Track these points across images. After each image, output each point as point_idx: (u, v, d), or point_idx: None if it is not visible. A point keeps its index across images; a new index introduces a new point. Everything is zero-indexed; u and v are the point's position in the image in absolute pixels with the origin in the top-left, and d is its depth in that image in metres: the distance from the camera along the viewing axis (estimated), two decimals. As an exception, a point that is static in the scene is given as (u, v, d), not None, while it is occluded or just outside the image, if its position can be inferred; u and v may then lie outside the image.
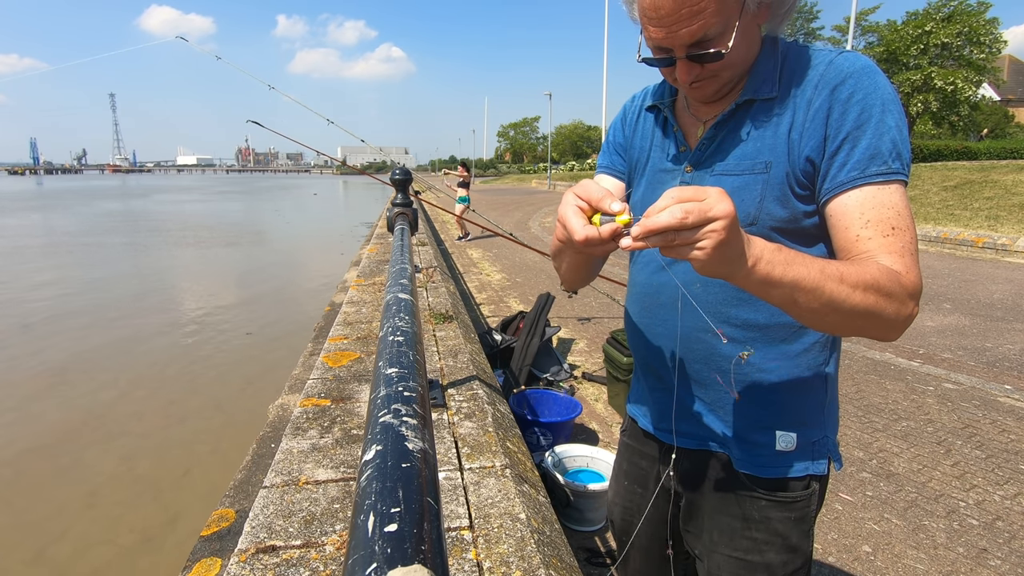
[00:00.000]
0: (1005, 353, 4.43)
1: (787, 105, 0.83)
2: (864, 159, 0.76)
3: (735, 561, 0.95)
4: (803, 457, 0.91)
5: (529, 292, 6.63)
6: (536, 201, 23.29)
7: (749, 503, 0.93)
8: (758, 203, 0.83)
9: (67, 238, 17.12)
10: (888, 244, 0.74)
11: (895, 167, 0.76)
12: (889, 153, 0.76)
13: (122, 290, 10.07)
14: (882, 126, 0.76)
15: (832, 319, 0.71)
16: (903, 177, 0.76)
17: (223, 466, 3.70)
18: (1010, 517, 2.40)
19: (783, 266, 0.67)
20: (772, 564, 0.93)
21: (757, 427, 0.91)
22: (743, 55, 0.83)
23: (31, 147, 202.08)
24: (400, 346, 0.81)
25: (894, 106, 0.77)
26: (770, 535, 0.93)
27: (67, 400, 5.30)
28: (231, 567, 1.11)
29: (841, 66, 0.79)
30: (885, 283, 0.70)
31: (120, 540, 3.31)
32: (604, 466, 2.50)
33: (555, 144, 62.15)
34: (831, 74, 0.80)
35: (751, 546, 0.94)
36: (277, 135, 5.09)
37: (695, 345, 0.93)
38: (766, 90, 0.84)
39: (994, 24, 22.84)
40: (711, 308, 0.89)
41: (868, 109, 0.76)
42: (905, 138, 0.77)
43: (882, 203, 0.75)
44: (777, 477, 0.91)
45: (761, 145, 0.84)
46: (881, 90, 0.77)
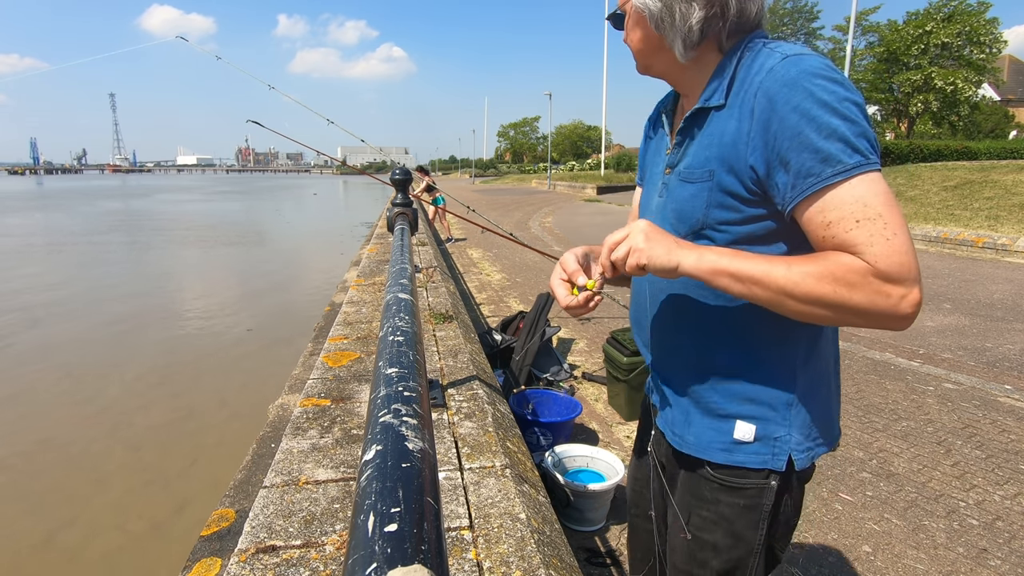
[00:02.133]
0: (1005, 353, 4.43)
1: (732, 114, 0.85)
2: (816, 164, 0.77)
3: (681, 535, 1.02)
4: (762, 451, 0.93)
5: (529, 292, 6.63)
6: (536, 201, 23.29)
7: (704, 484, 0.98)
8: (704, 210, 0.89)
9: (72, 237, 17.18)
10: (852, 238, 0.75)
11: (851, 163, 0.76)
12: (841, 151, 0.76)
13: (126, 288, 10.17)
14: (825, 129, 0.76)
15: (797, 307, 0.78)
16: (863, 168, 0.76)
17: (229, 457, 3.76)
18: (1010, 517, 2.40)
19: (728, 258, 0.80)
20: (718, 545, 0.98)
21: (717, 415, 0.95)
22: (635, 40, 0.95)
23: (31, 147, 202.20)
24: (400, 346, 0.81)
25: (838, 103, 0.77)
26: (717, 517, 0.97)
27: (74, 393, 5.41)
28: (231, 567, 1.12)
29: (778, 74, 0.80)
30: (840, 272, 0.74)
31: (129, 527, 3.40)
32: (604, 466, 2.50)
33: (555, 144, 62.17)
34: (770, 82, 0.81)
35: (702, 524, 1.00)
36: (277, 135, 5.09)
37: (662, 337, 1.02)
38: (716, 98, 0.88)
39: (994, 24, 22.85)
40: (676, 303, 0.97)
41: (807, 115, 0.77)
42: (859, 128, 0.77)
43: (843, 201, 0.76)
44: (730, 464, 0.95)
45: (709, 154, 0.88)
46: (818, 94, 0.77)
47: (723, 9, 0.87)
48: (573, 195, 27.12)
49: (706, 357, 0.95)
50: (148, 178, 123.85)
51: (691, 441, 0.98)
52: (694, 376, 0.97)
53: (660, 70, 0.97)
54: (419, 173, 11.63)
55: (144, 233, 18.68)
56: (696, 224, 0.90)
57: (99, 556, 3.16)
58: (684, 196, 0.91)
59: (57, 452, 4.29)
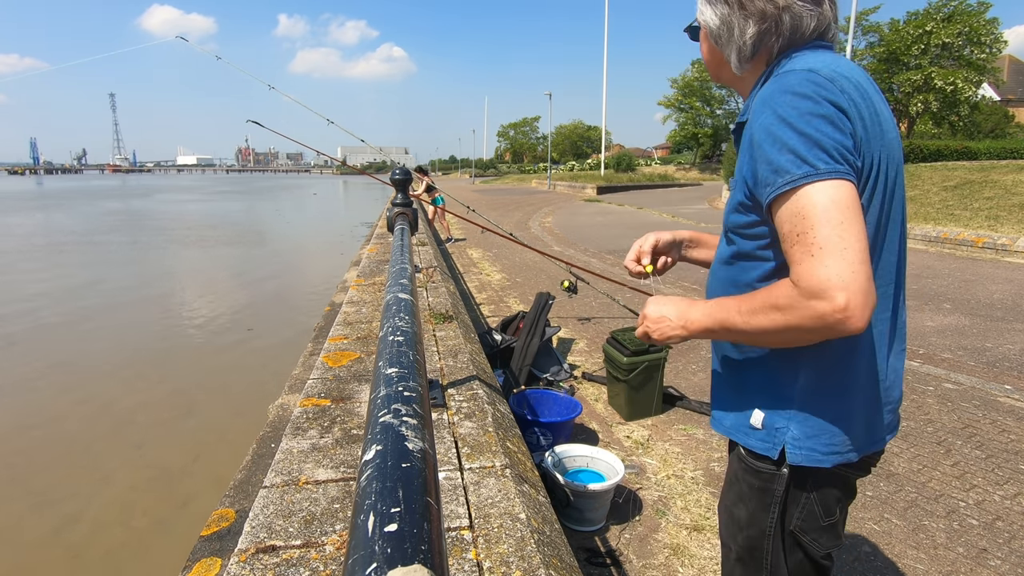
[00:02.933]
0: (1005, 353, 4.43)
1: (747, 129, 0.94)
2: (771, 175, 0.85)
3: (725, 509, 1.13)
4: (766, 438, 1.00)
5: (529, 292, 6.63)
6: (536, 201, 23.29)
7: (737, 463, 1.08)
8: (730, 214, 1.00)
9: (73, 237, 17.23)
10: (793, 253, 0.82)
11: (798, 173, 0.81)
12: (791, 163, 0.82)
13: (127, 287, 10.23)
14: (778, 142, 0.84)
15: (762, 339, 0.90)
16: (812, 179, 0.80)
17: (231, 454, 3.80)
18: (1010, 517, 2.40)
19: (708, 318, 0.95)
20: (741, 521, 1.07)
21: (741, 403, 1.05)
22: (705, 53, 1.07)
23: (31, 147, 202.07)
24: (400, 346, 0.81)
25: (796, 118, 0.83)
26: (740, 495, 1.07)
27: (76, 391, 5.46)
28: (231, 567, 1.11)
29: (762, 94, 0.90)
30: (774, 299, 0.84)
31: (134, 523, 3.43)
32: (604, 466, 2.50)
33: (555, 144, 62.12)
34: (756, 103, 0.91)
35: (734, 499, 1.09)
36: (277, 135, 5.09)
37: None
38: (744, 115, 0.98)
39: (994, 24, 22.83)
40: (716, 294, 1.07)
41: (767, 129, 0.86)
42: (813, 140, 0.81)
43: (790, 213, 0.83)
44: (747, 447, 1.03)
45: (738, 165, 0.99)
46: (779, 110, 0.85)
47: (776, 25, 0.93)
48: (573, 195, 27.12)
49: (734, 350, 1.06)
50: (148, 178, 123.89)
51: (726, 424, 1.09)
52: (728, 366, 1.08)
53: (727, 80, 1.06)
54: (418, 174, 11.60)
55: (145, 233, 18.70)
56: (726, 226, 1.02)
57: (103, 552, 3.19)
58: (728, 200, 1.03)
59: (60, 448, 4.33)
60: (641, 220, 15.05)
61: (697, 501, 2.54)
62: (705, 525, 2.37)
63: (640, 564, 2.14)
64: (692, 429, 3.25)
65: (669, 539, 2.28)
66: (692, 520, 2.40)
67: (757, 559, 1.05)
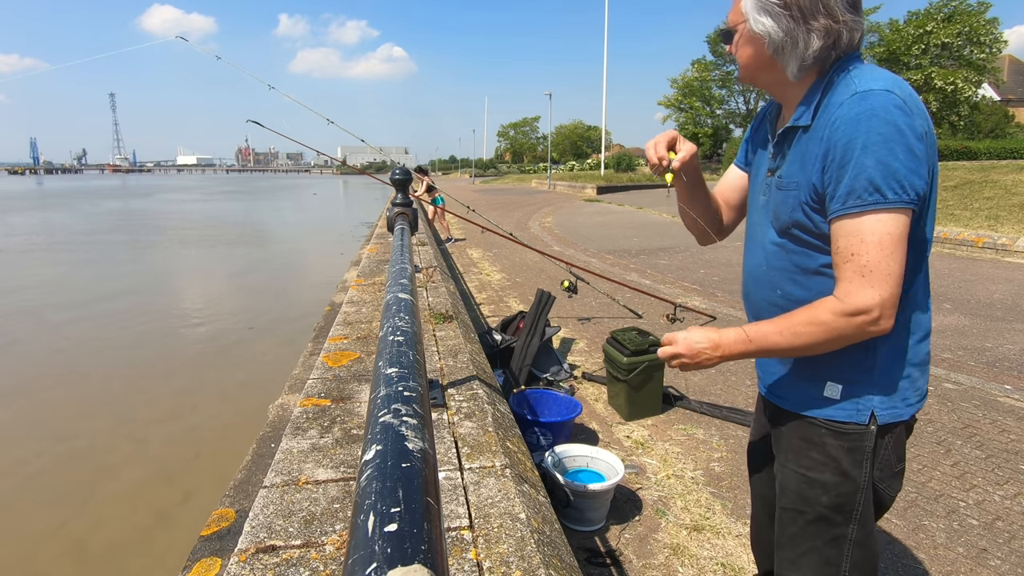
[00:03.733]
0: (1005, 353, 4.43)
1: (813, 136, 1.01)
2: (843, 195, 0.95)
3: (799, 476, 1.17)
4: (847, 407, 1.10)
5: (529, 292, 6.62)
6: (536, 201, 23.28)
7: (811, 428, 1.14)
8: (790, 213, 1.07)
9: (75, 236, 17.29)
10: (844, 269, 0.97)
11: (869, 200, 0.93)
12: (864, 189, 0.93)
13: (129, 286, 10.28)
14: (859, 166, 0.93)
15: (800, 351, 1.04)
16: (879, 206, 0.92)
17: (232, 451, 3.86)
18: (1010, 517, 2.40)
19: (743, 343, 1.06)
20: (827, 483, 1.12)
21: (811, 378, 1.13)
22: (745, 57, 1.09)
23: (31, 147, 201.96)
24: (400, 346, 0.81)
25: (880, 147, 0.91)
26: (826, 457, 1.12)
27: (79, 388, 5.51)
28: (231, 567, 1.12)
29: (845, 110, 0.95)
30: (818, 317, 0.99)
31: (136, 517, 3.48)
32: (604, 466, 2.50)
33: (555, 144, 62.09)
34: (837, 116, 0.96)
35: (811, 464, 1.14)
36: (277, 135, 5.09)
37: (763, 313, 1.19)
38: (804, 119, 1.04)
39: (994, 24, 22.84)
40: (773, 285, 1.15)
41: (849, 152, 0.94)
42: (889, 171, 0.91)
43: (850, 232, 0.95)
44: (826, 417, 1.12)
45: (794, 167, 1.06)
46: (864, 135, 0.92)
47: (837, 40, 1.00)
48: (573, 195, 27.12)
49: None
50: (148, 178, 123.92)
51: (791, 399, 1.17)
52: None
53: (764, 83, 1.12)
54: (418, 175, 11.57)
55: (147, 232, 18.75)
56: (784, 225, 1.09)
57: (106, 545, 3.24)
58: (779, 200, 1.10)
59: (64, 445, 4.38)
60: (641, 220, 15.05)
61: (697, 501, 2.54)
62: (705, 525, 2.37)
63: (640, 564, 2.14)
64: (692, 429, 3.25)
65: (669, 539, 2.28)
66: (692, 520, 2.40)
67: (847, 513, 1.12)
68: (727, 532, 2.32)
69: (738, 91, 37.95)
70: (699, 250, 9.54)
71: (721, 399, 3.62)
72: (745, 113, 38.30)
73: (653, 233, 12.13)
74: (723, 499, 2.56)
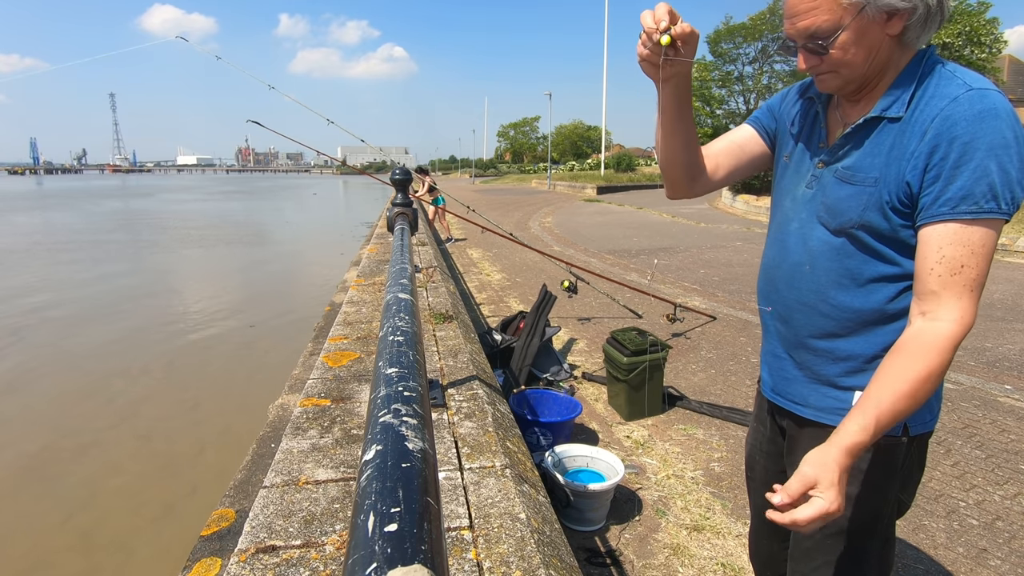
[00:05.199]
0: (1005, 353, 4.43)
1: (908, 130, 0.90)
2: (956, 198, 0.85)
3: None
4: None
5: (529, 292, 6.63)
6: (536, 201, 23.28)
7: None
8: (860, 211, 0.95)
9: (78, 236, 17.32)
10: (952, 282, 0.86)
11: (987, 207, 0.84)
12: (983, 195, 0.84)
13: (131, 285, 10.34)
14: (981, 170, 0.83)
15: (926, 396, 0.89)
16: (994, 215, 0.84)
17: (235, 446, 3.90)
18: (1010, 517, 2.40)
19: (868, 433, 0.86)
20: (851, 497, 1.03)
21: (839, 387, 1.06)
22: (860, 58, 0.91)
23: (31, 147, 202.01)
24: (400, 346, 0.81)
25: (1003, 151, 0.83)
26: (855, 471, 1.02)
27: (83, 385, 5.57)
28: (231, 567, 1.11)
29: (960, 107, 0.85)
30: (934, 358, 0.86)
31: (144, 510, 3.53)
32: (604, 466, 2.50)
33: (555, 144, 62.09)
34: (950, 111, 0.86)
35: None
36: (277, 135, 5.09)
37: (793, 315, 1.09)
38: (895, 109, 0.92)
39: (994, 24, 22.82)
40: (815, 288, 1.05)
41: (970, 152, 0.83)
42: (1008, 179, 0.83)
43: (960, 240, 0.86)
44: None
45: (876, 161, 0.93)
46: (990, 136, 0.83)
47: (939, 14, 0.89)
48: (573, 195, 27.12)
49: (834, 337, 1.05)
50: (148, 178, 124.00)
51: (814, 406, 1.09)
52: (821, 352, 1.07)
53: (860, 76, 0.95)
54: (419, 175, 11.54)
55: (148, 232, 18.81)
56: (848, 223, 0.97)
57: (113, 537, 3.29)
58: (840, 195, 0.97)
59: (69, 440, 4.44)
60: (641, 220, 15.05)
61: (697, 501, 2.54)
62: (705, 525, 2.37)
63: (640, 564, 2.14)
64: (692, 429, 3.25)
65: (669, 539, 2.28)
66: (692, 520, 2.40)
67: (869, 527, 1.07)
68: (727, 532, 2.32)
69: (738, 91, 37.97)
70: (699, 250, 9.54)
71: (721, 399, 3.62)
72: (745, 113, 38.29)
73: (653, 233, 12.13)
74: (723, 499, 2.56)
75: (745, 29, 34.47)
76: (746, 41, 35.45)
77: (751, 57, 36.50)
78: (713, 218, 14.94)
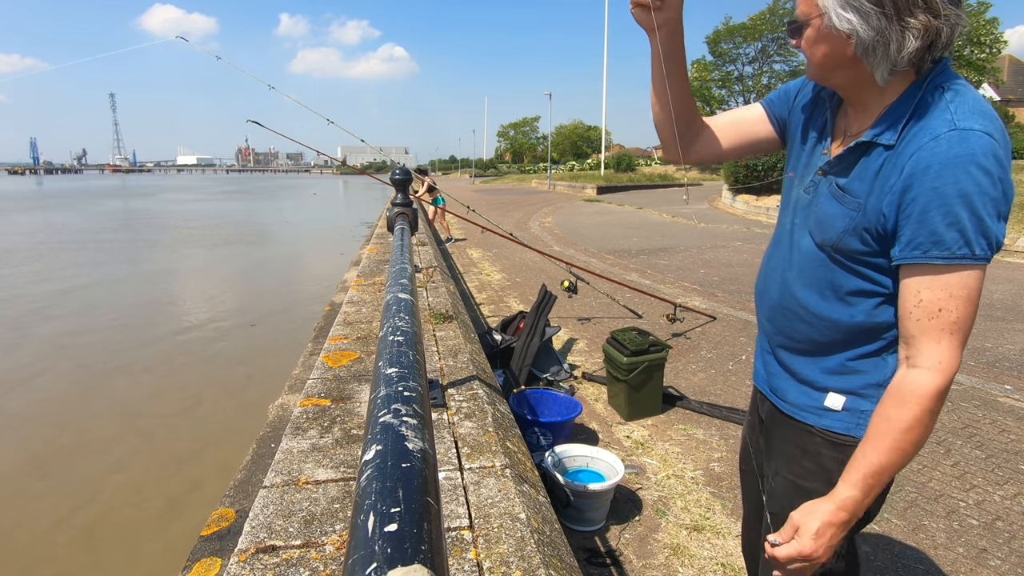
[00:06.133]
0: (1005, 353, 4.43)
1: (896, 160, 0.90)
2: (927, 243, 0.86)
3: (790, 483, 1.14)
4: (847, 419, 1.05)
5: (529, 292, 6.63)
6: (536, 201, 23.28)
7: (806, 437, 1.11)
8: (840, 233, 0.97)
9: (80, 235, 17.39)
10: (930, 327, 0.88)
11: (960, 253, 0.84)
12: (954, 242, 0.84)
13: (134, 284, 10.40)
14: (951, 216, 0.83)
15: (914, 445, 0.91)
16: (967, 262, 0.85)
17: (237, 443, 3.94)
18: (1010, 517, 2.40)
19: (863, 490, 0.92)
20: (816, 493, 1.04)
21: (814, 385, 1.09)
22: (818, 59, 0.94)
23: (31, 147, 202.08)
24: (400, 346, 0.81)
25: (975, 197, 0.82)
26: (818, 467, 1.09)
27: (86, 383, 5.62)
28: (231, 567, 1.12)
29: (939, 148, 0.84)
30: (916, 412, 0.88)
31: (147, 505, 3.58)
32: (604, 466, 2.50)
33: (555, 144, 62.10)
34: (927, 152, 0.85)
35: (803, 472, 1.11)
36: (277, 135, 5.09)
37: (777, 318, 1.13)
38: (886, 137, 0.92)
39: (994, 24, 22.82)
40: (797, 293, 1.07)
41: (940, 198, 0.84)
42: (982, 227, 0.83)
43: (936, 284, 0.87)
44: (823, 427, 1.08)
45: (863, 186, 0.94)
46: (963, 182, 0.82)
47: (936, 40, 0.86)
48: (573, 195, 27.12)
49: (812, 341, 1.07)
50: (148, 178, 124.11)
51: (790, 402, 1.13)
52: (800, 352, 1.10)
53: (838, 84, 0.99)
54: (418, 175, 11.51)
55: (150, 231, 18.87)
56: (830, 243, 0.99)
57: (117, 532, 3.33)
58: (829, 212, 0.99)
59: (73, 436, 4.48)
60: (641, 220, 15.05)
61: (697, 501, 2.54)
62: (705, 525, 2.37)
63: (640, 564, 2.14)
64: (692, 429, 3.25)
65: (669, 539, 2.28)
66: (692, 520, 2.40)
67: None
68: (727, 532, 2.32)
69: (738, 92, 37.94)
70: (699, 250, 9.54)
71: (721, 399, 3.63)
72: (745, 113, 38.21)
73: (653, 233, 12.13)
74: (723, 499, 2.56)
75: (745, 29, 34.49)
76: (746, 41, 35.46)
77: (751, 57, 36.52)
78: (713, 218, 14.94)
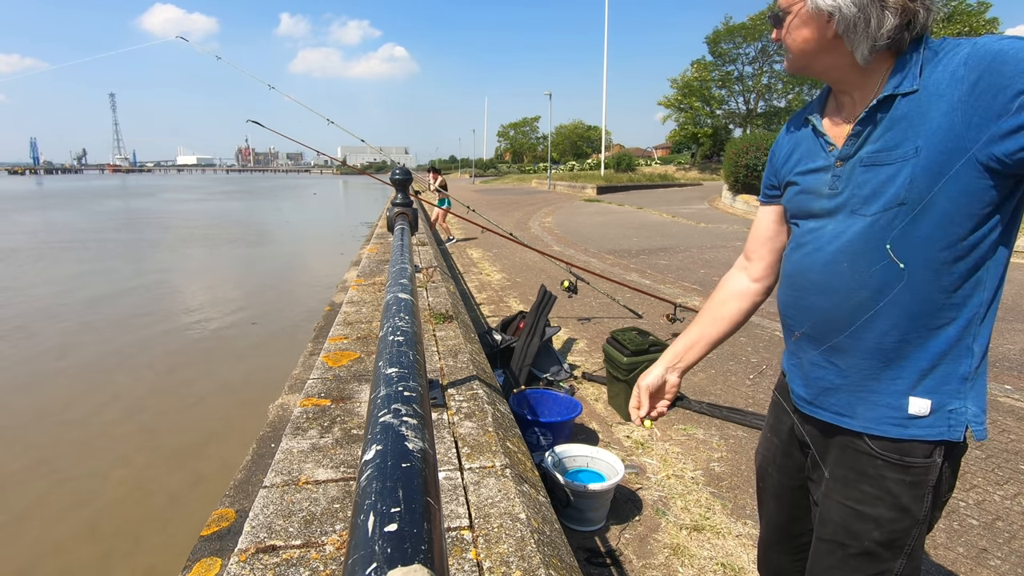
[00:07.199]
0: (1005, 353, 4.43)
1: (933, 92, 0.87)
2: None
3: (846, 509, 1.04)
4: (937, 423, 0.95)
5: (529, 292, 6.63)
6: (536, 201, 23.28)
7: (866, 460, 1.01)
8: (907, 185, 0.89)
9: (82, 235, 17.40)
10: None
11: None
12: None
13: (135, 283, 10.41)
14: None
15: None
16: None
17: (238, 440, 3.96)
18: (1010, 517, 2.40)
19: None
20: (880, 518, 1.00)
21: (891, 392, 0.97)
22: (799, 45, 0.96)
23: (31, 147, 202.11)
24: (400, 346, 0.81)
25: None
26: (882, 492, 1.00)
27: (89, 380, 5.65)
28: (231, 567, 1.12)
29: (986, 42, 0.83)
30: None
31: (150, 499, 3.61)
32: (604, 466, 2.50)
33: (555, 144, 62.12)
34: (977, 50, 0.83)
35: (862, 497, 1.02)
36: (277, 135, 5.09)
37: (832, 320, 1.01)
38: (906, 84, 0.90)
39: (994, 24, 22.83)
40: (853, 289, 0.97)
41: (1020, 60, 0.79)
42: None
43: None
44: (902, 439, 0.97)
45: (908, 133, 0.89)
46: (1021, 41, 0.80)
47: (913, 20, 0.89)
48: (573, 195, 27.12)
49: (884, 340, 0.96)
50: (148, 178, 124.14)
51: (861, 417, 1.01)
52: (869, 356, 0.98)
53: (820, 69, 0.99)
54: (432, 174, 11.43)
55: (151, 231, 18.91)
56: (893, 200, 0.91)
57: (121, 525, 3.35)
58: (878, 179, 0.92)
59: (76, 432, 4.51)
60: (641, 220, 15.05)
61: (697, 501, 2.54)
62: (705, 525, 2.37)
63: (640, 564, 2.14)
64: (692, 429, 3.25)
65: (669, 539, 2.28)
66: (692, 520, 2.40)
67: (897, 548, 1.02)
68: (727, 532, 2.32)
69: (738, 91, 37.95)
70: (699, 250, 9.54)
71: (721, 399, 3.62)
72: (745, 113, 38.31)
73: (653, 233, 12.13)
74: (723, 499, 2.56)
75: (745, 29, 34.50)
76: (746, 41, 35.47)
77: (751, 57, 36.53)
78: (713, 218, 14.93)
